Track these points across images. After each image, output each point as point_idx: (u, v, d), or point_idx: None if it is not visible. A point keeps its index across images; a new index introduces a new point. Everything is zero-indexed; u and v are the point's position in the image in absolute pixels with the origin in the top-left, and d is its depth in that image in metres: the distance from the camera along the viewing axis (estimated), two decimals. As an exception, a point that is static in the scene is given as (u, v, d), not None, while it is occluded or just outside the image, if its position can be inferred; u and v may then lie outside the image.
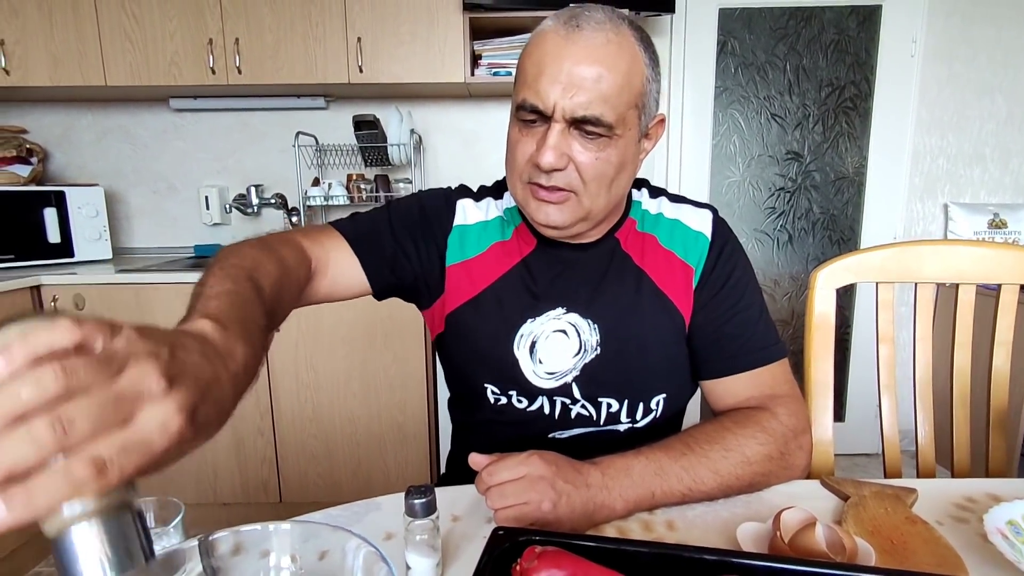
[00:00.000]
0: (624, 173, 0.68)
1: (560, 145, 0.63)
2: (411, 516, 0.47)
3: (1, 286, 1.58)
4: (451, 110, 2.28)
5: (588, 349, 0.73)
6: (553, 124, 0.63)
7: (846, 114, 2.24)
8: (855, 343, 2.38)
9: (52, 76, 1.92)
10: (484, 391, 0.76)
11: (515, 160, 0.68)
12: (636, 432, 0.75)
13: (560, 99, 0.61)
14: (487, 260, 0.76)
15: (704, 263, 0.74)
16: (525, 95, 0.64)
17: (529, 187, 0.68)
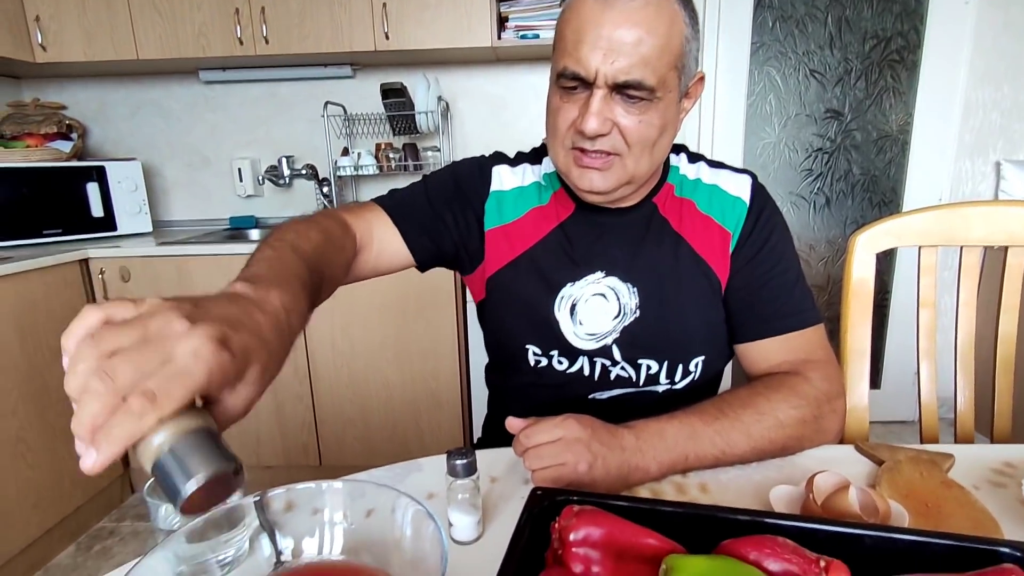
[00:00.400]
0: (666, 135, 0.69)
1: (603, 111, 0.64)
2: (453, 476, 0.49)
3: (51, 259, 1.66)
4: (478, 75, 2.25)
5: (627, 312, 0.74)
6: (595, 90, 0.63)
7: (892, 68, 2.13)
8: (893, 308, 2.32)
9: (86, 51, 1.95)
10: (525, 352, 0.77)
11: (557, 127, 0.68)
12: (674, 393, 0.76)
13: (601, 65, 0.62)
14: (525, 224, 0.78)
15: (742, 228, 0.74)
16: (566, 63, 0.64)
17: (572, 153, 0.69)
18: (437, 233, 0.77)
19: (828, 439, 0.69)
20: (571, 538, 0.41)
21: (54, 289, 1.68)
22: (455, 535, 0.51)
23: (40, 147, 1.97)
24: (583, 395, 0.77)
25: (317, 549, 0.42)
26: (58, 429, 1.67)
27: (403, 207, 0.77)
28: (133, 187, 2.06)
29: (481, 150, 2.42)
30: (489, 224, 0.78)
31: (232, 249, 1.83)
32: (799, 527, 0.44)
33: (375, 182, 2.35)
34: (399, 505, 0.40)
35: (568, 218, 0.77)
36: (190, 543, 0.40)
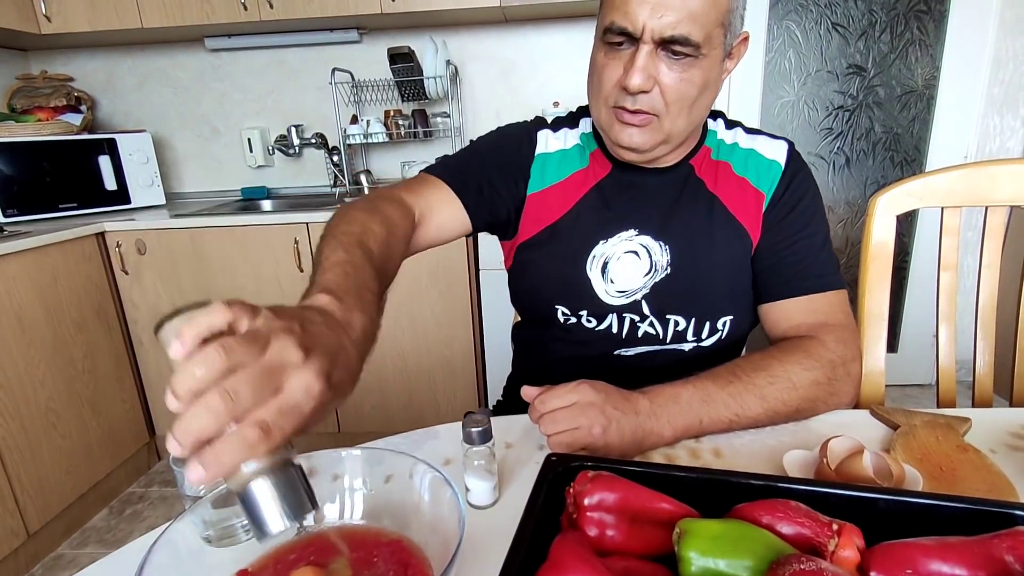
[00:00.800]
0: (706, 94, 0.68)
1: (648, 67, 0.64)
2: (469, 443, 0.50)
3: (69, 233, 1.68)
4: (487, 38, 2.20)
5: (659, 269, 0.75)
6: (641, 46, 0.63)
7: (918, 19, 2.04)
8: (913, 270, 2.27)
9: (90, 20, 1.94)
10: (554, 312, 0.78)
11: (601, 84, 0.68)
12: (701, 352, 0.77)
13: (649, 20, 0.61)
14: (566, 187, 0.78)
15: (775, 189, 0.76)
16: (613, 17, 0.63)
17: (614, 111, 0.69)
18: (492, 199, 0.78)
19: (842, 402, 0.68)
20: (586, 502, 0.42)
21: (73, 262, 1.71)
22: (472, 500, 0.52)
23: (51, 120, 1.98)
24: (609, 352, 0.78)
25: (339, 514, 0.43)
26: (84, 399, 1.72)
27: (460, 176, 0.78)
28: (144, 159, 2.07)
29: (491, 115, 2.38)
30: (532, 188, 0.79)
31: (245, 220, 1.84)
32: (812, 491, 0.44)
33: (385, 150, 2.33)
34: (417, 471, 0.41)
35: (605, 177, 0.78)
36: (216, 508, 0.41)
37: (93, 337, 1.76)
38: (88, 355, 1.74)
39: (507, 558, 0.37)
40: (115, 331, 1.86)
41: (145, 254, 1.85)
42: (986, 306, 0.83)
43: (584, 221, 0.76)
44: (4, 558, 1.47)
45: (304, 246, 1.83)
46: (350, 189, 2.21)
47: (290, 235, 1.82)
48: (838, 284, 0.74)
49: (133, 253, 1.85)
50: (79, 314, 1.71)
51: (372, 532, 0.43)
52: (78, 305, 1.71)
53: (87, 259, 1.76)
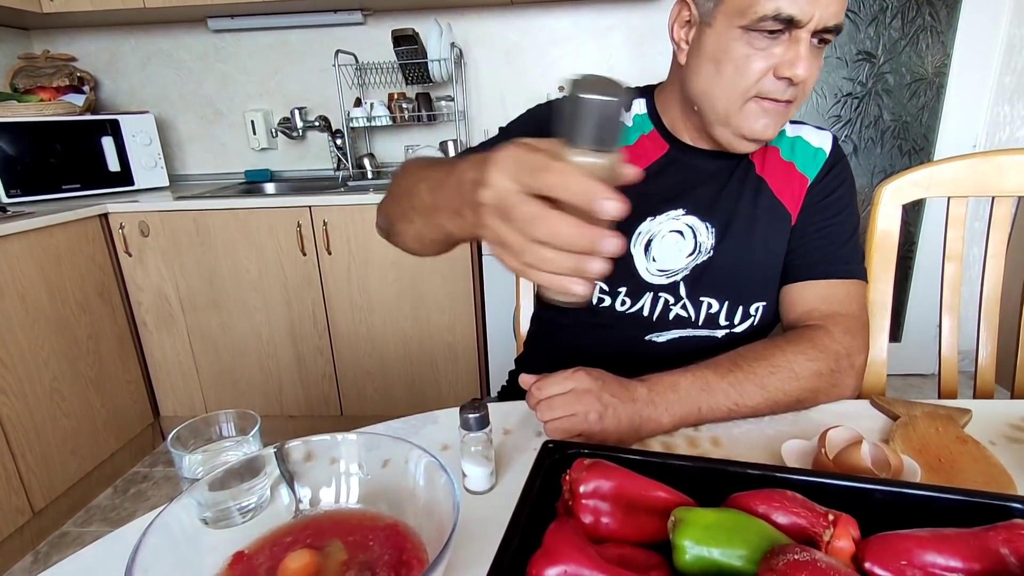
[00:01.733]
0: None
1: (810, 56, 0.64)
2: (466, 429, 0.50)
3: (72, 215, 1.68)
4: (492, 21, 2.17)
5: (702, 251, 0.75)
6: (802, 34, 0.62)
7: (930, 4, 2.01)
8: (919, 260, 2.26)
9: (93, 0, 1.92)
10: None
11: (746, 76, 0.65)
12: (733, 338, 0.76)
13: (819, 8, 0.61)
14: (635, 152, 0.77)
15: (817, 173, 0.76)
16: (779, 5, 0.61)
17: (756, 101, 0.67)
18: None
19: (845, 394, 0.68)
20: (581, 490, 0.42)
21: (77, 243, 1.71)
22: (468, 485, 0.52)
23: (53, 100, 1.97)
24: (639, 336, 0.77)
25: (335, 498, 0.44)
26: (89, 379, 1.73)
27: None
28: (147, 141, 2.06)
29: (496, 99, 2.35)
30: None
31: (248, 203, 1.83)
32: (809, 481, 0.44)
33: (388, 133, 2.31)
34: (412, 457, 0.41)
35: (660, 157, 0.77)
36: (212, 491, 0.41)
37: (97, 318, 1.77)
38: (92, 336, 1.75)
39: (501, 544, 0.37)
40: (119, 312, 1.87)
41: (148, 236, 1.85)
42: (990, 298, 0.82)
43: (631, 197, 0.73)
44: (10, 535, 1.50)
45: (307, 230, 1.83)
46: (353, 172, 2.20)
47: (293, 218, 1.82)
48: (859, 274, 0.74)
49: (136, 235, 1.85)
50: (83, 295, 1.72)
51: (368, 516, 0.43)
52: (81, 286, 1.72)
53: (90, 240, 1.76)
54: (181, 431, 0.47)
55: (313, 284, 1.89)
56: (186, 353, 1.98)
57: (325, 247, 1.84)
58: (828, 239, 0.74)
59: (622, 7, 2.12)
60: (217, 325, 1.95)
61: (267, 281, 1.89)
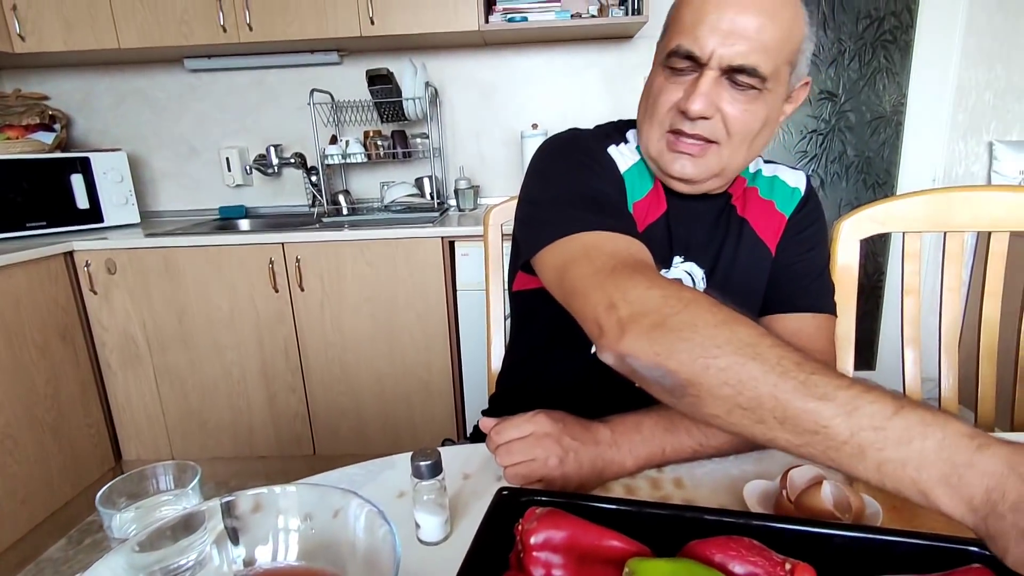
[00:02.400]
0: (765, 130, 0.67)
1: (711, 94, 0.62)
2: (417, 477, 0.48)
3: (35, 253, 1.64)
4: (467, 60, 2.22)
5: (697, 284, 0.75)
6: (706, 71, 0.62)
7: (885, 48, 2.10)
8: (888, 289, 2.31)
9: (66, 40, 1.92)
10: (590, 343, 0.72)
11: (658, 107, 0.67)
12: None
13: (719, 47, 0.61)
14: (645, 205, 0.74)
15: (792, 211, 0.77)
16: (681, 41, 0.62)
17: (667, 136, 0.67)
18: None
19: None
20: (532, 541, 0.40)
21: (38, 283, 1.66)
22: (422, 536, 0.50)
23: (22, 139, 1.94)
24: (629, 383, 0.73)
25: (271, 555, 0.41)
26: (45, 424, 1.66)
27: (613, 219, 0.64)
28: (119, 178, 2.04)
29: (471, 136, 2.38)
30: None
31: (220, 240, 1.81)
32: (766, 527, 0.43)
33: (364, 170, 2.32)
34: (352, 507, 0.39)
35: (671, 203, 0.75)
36: (142, 552, 0.39)
37: (57, 360, 1.71)
38: (51, 379, 1.69)
39: (445, 603, 0.35)
40: (81, 353, 1.81)
41: (115, 274, 1.81)
42: (949, 330, 0.83)
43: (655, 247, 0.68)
44: (-46, 593, 1.41)
45: (279, 266, 1.81)
46: (328, 209, 2.20)
47: (266, 255, 1.80)
48: (828, 308, 0.75)
49: (103, 273, 1.81)
50: (42, 337, 1.67)
51: (310, 573, 0.41)
52: (42, 328, 1.67)
53: (53, 280, 1.72)
54: (113, 487, 0.45)
55: (286, 321, 1.86)
56: (152, 394, 1.92)
57: (298, 284, 1.82)
58: (799, 274, 0.75)
59: (594, 48, 2.18)
60: (186, 364, 1.90)
61: (239, 319, 1.86)
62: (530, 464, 0.54)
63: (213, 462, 2.00)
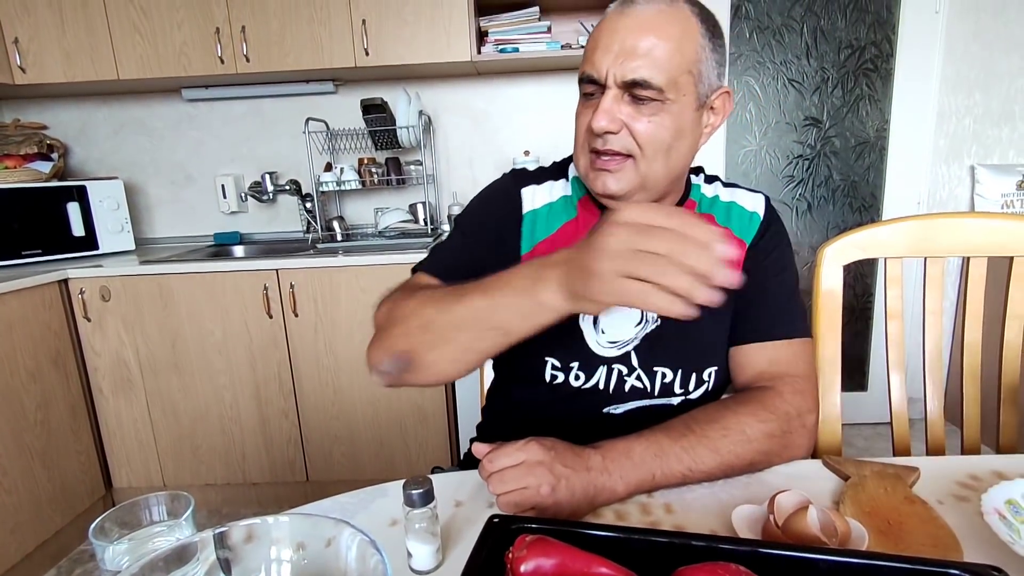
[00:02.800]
0: (682, 141, 0.69)
1: (612, 109, 0.66)
2: (409, 506, 0.49)
3: (29, 281, 1.64)
4: (460, 89, 2.26)
5: (649, 320, 0.75)
6: (607, 90, 0.66)
7: (867, 76, 2.16)
8: (877, 310, 2.33)
9: (66, 72, 1.95)
10: (543, 367, 0.76)
11: (577, 132, 0.72)
12: (690, 404, 0.75)
13: (611, 66, 0.65)
14: (555, 241, 0.77)
15: (753, 237, 0.78)
16: (584, 68, 0.68)
17: (590, 156, 0.71)
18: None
19: (797, 455, 0.69)
20: (522, 569, 0.41)
21: (32, 311, 1.67)
22: (413, 565, 0.50)
23: (19, 168, 1.96)
24: (597, 409, 0.76)
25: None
26: (35, 451, 1.65)
27: (451, 272, 0.73)
28: (115, 206, 2.05)
29: (464, 164, 2.42)
30: (524, 248, 0.77)
31: (215, 267, 1.82)
32: (754, 552, 0.44)
33: (358, 197, 2.35)
34: (344, 537, 0.40)
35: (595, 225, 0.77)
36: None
37: (48, 386, 1.70)
38: (41, 405, 1.68)
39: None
40: (73, 379, 1.80)
41: (109, 300, 1.82)
42: (932, 353, 0.85)
43: None
44: (-64, 629, 1.38)
45: (274, 292, 1.82)
46: (322, 235, 2.21)
47: (260, 281, 1.81)
48: (803, 332, 0.76)
49: (97, 300, 1.81)
50: (34, 363, 1.66)
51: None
52: (34, 354, 1.66)
53: (47, 307, 1.72)
54: (106, 518, 0.45)
55: (279, 346, 1.86)
56: (143, 420, 1.90)
57: (292, 309, 1.83)
58: (770, 300, 0.76)
59: (583, 77, 2.23)
60: (178, 389, 1.89)
61: (232, 343, 1.86)
62: (523, 492, 0.55)
63: (205, 489, 1.98)
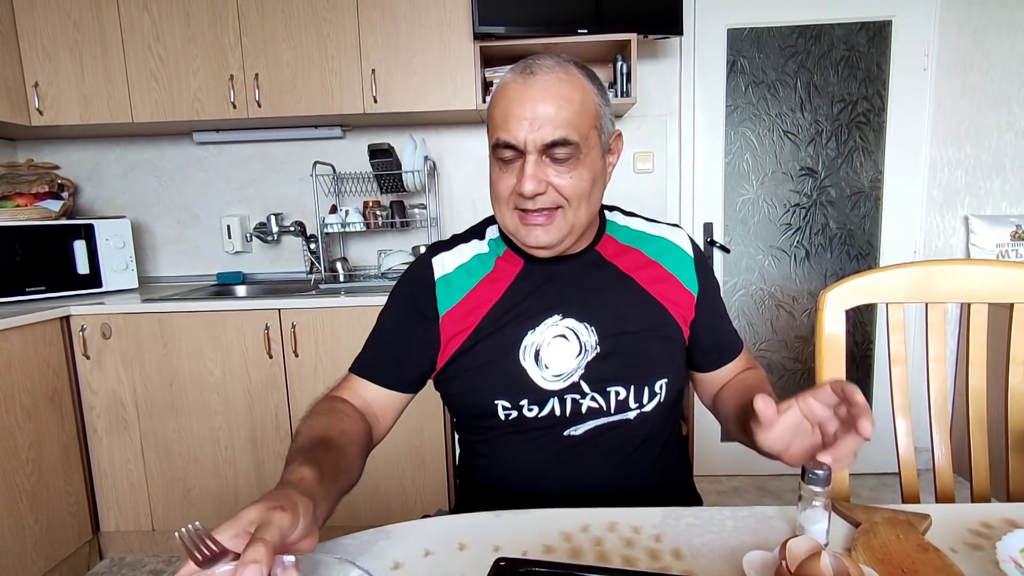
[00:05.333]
0: (597, 186, 0.77)
1: (537, 173, 0.72)
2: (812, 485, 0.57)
3: (32, 317, 1.65)
4: (464, 135, 2.33)
5: (588, 349, 0.78)
6: (528, 156, 0.71)
7: (860, 129, 2.23)
8: (878, 360, 2.33)
9: (82, 115, 2.01)
10: (495, 408, 0.78)
11: (500, 194, 0.76)
12: (645, 416, 0.79)
13: (529, 134, 0.70)
14: (477, 295, 0.82)
15: (695, 275, 0.85)
16: (499, 135, 0.72)
17: (516, 214, 0.75)
18: (410, 362, 0.83)
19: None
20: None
21: (32, 347, 1.66)
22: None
23: (29, 206, 1.99)
24: (558, 434, 0.78)
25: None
26: (24, 492, 1.61)
27: (372, 367, 0.84)
28: (121, 244, 2.07)
29: (468, 207, 2.47)
30: (443, 310, 0.81)
31: (216, 306, 1.83)
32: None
33: (362, 238, 2.38)
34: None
35: (518, 274, 0.82)
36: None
37: (42, 424, 1.68)
38: (34, 444, 1.65)
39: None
40: (68, 418, 1.78)
41: (110, 338, 1.81)
42: (938, 400, 0.85)
43: (509, 317, 0.79)
44: None
45: (275, 332, 1.81)
46: (325, 276, 2.23)
47: (261, 320, 1.81)
48: (740, 345, 0.90)
49: (97, 337, 1.81)
50: (30, 400, 1.64)
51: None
52: (31, 391, 1.65)
53: (47, 343, 1.71)
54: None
55: (278, 387, 1.85)
56: (136, 460, 1.87)
57: (292, 349, 1.82)
58: (721, 332, 0.88)
59: (585, 126, 2.30)
60: (173, 430, 1.86)
61: (230, 383, 1.84)
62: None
63: (194, 535, 1.92)
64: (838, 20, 2.17)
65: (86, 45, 1.97)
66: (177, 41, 1.98)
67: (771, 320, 2.36)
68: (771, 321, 2.36)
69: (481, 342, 0.79)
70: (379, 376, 0.83)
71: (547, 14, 1.92)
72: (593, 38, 1.93)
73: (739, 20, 2.19)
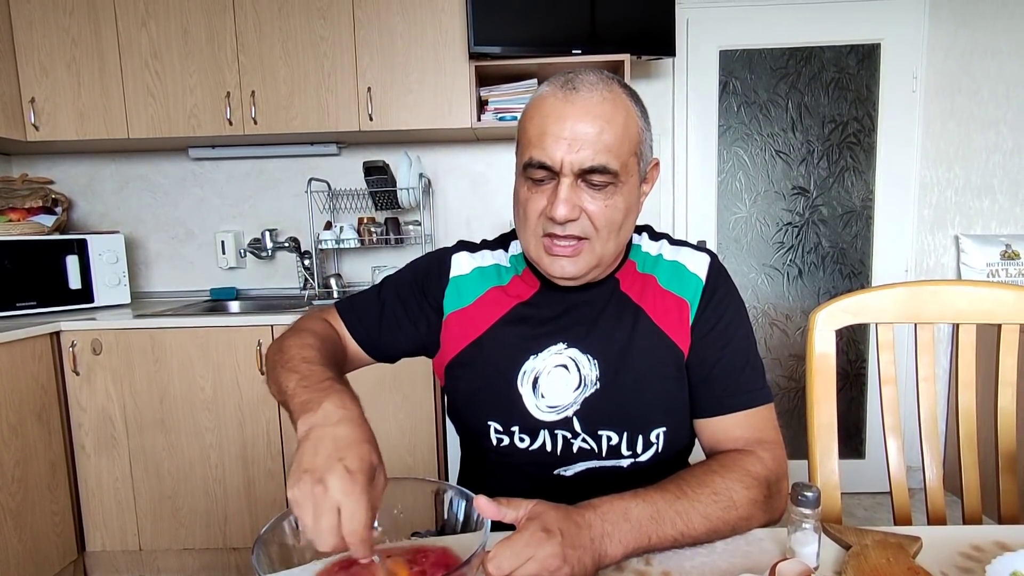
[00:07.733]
0: (630, 217, 0.73)
1: (571, 198, 0.67)
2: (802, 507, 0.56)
3: (22, 332, 1.63)
4: (459, 153, 2.34)
5: (588, 383, 0.74)
6: (562, 179, 0.67)
7: (850, 149, 2.26)
8: (872, 378, 2.33)
9: (78, 130, 2.01)
10: (487, 430, 0.77)
11: (527, 216, 0.71)
12: (640, 467, 0.75)
13: (567, 155, 0.66)
14: (485, 304, 0.80)
15: (699, 303, 0.76)
16: (532, 154, 0.68)
17: (543, 241, 0.71)
18: (391, 330, 0.82)
19: (774, 519, 0.69)
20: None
21: (21, 362, 1.64)
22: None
23: (22, 221, 1.99)
24: (547, 471, 0.75)
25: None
26: (8, 510, 1.58)
27: (355, 312, 0.83)
28: (114, 259, 2.07)
29: (462, 224, 2.48)
30: (448, 309, 0.80)
31: (208, 322, 1.82)
32: (754, 623, 0.42)
33: (357, 255, 2.38)
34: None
35: (532, 296, 0.79)
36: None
37: (29, 441, 1.66)
38: (21, 462, 1.63)
39: None
40: (55, 435, 1.75)
41: (100, 354, 1.80)
42: (928, 420, 0.85)
43: (513, 337, 0.77)
44: None
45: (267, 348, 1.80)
46: (319, 292, 2.23)
47: (254, 337, 1.80)
48: (764, 398, 0.74)
49: (88, 353, 1.79)
50: (18, 417, 1.62)
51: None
52: (18, 408, 1.63)
53: (37, 359, 1.70)
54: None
55: (269, 403, 1.83)
56: (124, 478, 1.84)
57: (285, 366, 1.81)
58: (726, 371, 0.74)
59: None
60: (163, 447, 1.84)
61: (221, 400, 1.83)
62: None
63: (182, 554, 1.89)
64: (828, 43, 2.21)
65: (83, 61, 1.99)
66: (174, 58, 1.99)
67: (765, 338, 2.36)
68: (765, 339, 2.36)
69: (483, 356, 0.77)
70: (359, 329, 0.82)
71: (542, 35, 1.95)
72: (587, 59, 1.96)
73: (731, 42, 2.23)
